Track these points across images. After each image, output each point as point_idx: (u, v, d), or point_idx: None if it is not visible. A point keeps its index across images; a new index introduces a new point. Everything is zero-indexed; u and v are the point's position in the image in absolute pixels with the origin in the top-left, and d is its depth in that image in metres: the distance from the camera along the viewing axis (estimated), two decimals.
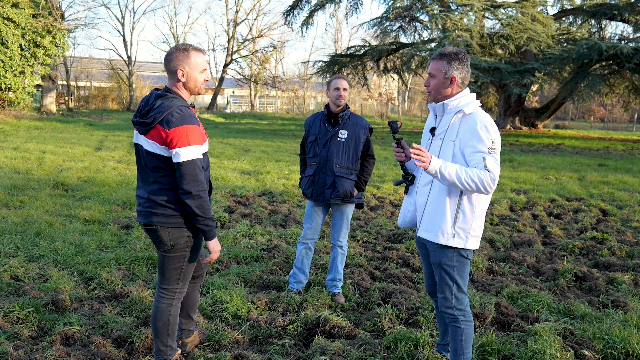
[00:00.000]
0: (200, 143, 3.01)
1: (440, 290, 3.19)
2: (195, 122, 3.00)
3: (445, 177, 2.86)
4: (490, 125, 2.95)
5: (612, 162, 16.10)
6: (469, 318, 3.20)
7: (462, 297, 3.16)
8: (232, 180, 10.59)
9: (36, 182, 9.22)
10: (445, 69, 3.03)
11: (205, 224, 3.07)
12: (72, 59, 43.25)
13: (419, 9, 28.29)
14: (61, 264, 5.28)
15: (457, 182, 2.86)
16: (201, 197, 3.00)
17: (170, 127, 2.92)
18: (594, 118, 45.42)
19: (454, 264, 3.10)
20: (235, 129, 26.23)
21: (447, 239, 3.03)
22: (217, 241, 3.18)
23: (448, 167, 2.86)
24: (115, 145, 15.91)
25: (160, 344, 3.30)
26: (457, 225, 3.02)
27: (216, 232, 3.17)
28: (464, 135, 2.98)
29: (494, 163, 2.90)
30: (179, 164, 2.94)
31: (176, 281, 3.23)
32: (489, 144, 2.91)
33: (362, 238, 6.71)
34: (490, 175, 2.86)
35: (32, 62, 24.11)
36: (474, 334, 3.26)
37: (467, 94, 3.08)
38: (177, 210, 3.07)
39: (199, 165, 2.99)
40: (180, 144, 2.92)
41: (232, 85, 53.70)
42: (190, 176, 2.95)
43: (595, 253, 6.30)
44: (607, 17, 28.39)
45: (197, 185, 2.97)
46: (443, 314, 3.23)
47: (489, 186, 2.87)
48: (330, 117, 4.60)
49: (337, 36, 57.79)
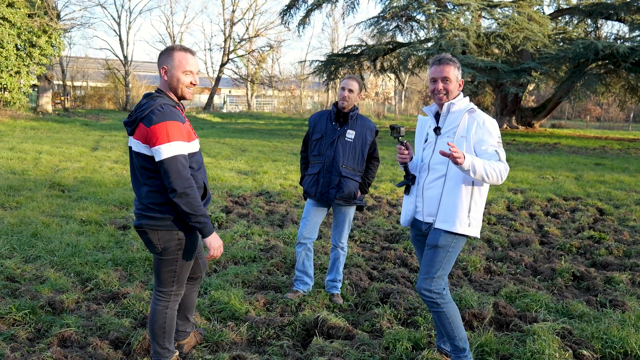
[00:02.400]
0: (183, 140, 2.93)
1: (424, 271, 3.30)
2: (177, 119, 2.93)
3: (476, 170, 3.03)
4: (494, 121, 3.25)
5: (608, 161, 16.14)
6: (447, 299, 3.30)
7: (439, 282, 3.27)
8: (229, 180, 10.57)
9: (32, 183, 9.19)
10: (457, 74, 3.30)
11: (197, 221, 2.98)
12: (68, 58, 43.19)
13: (416, 9, 28.29)
14: (58, 265, 5.26)
15: (485, 174, 3.06)
16: (187, 194, 2.91)
17: (151, 125, 2.87)
18: (590, 117, 45.54)
19: (449, 249, 3.25)
20: (232, 129, 26.19)
21: (464, 228, 3.21)
22: (215, 237, 3.09)
23: (476, 161, 3.04)
24: (111, 146, 15.86)
25: (157, 346, 3.28)
26: (471, 214, 3.23)
27: (212, 228, 3.08)
28: (475, 131, 3.19)
29: (504, 155, 3.17)
30: (161, 162, 2.88)
31: (171, 284, 3.19)
32: (497, 138, 3.19)
33: (360, 238, 6.70)
34: (505, 166, 3.12)
35: (28, 62, 24.05)
36: (459, 314, 3.35)
37: (462, 96, 3.36)
38: (166, 212, 3.01)
39: (181, 161, 2.90)
40: (160, 140, 2.86)
41: (228, 85, 53.63)
42: (173, 173, 2.87)
43: (592, 252, 6.31)
44: (603, 17, 28.49)
45: (182, 182, 2.89)
46: (421, 296, 3.32)
47: (505, 176, 3.12)
48: (338, 116, 4.54)
49: (334, 36, 57.76)
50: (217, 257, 3.17)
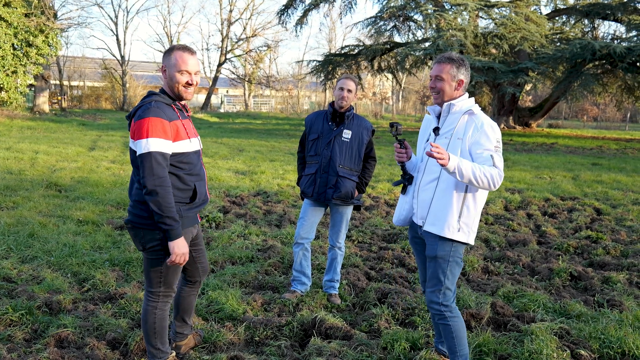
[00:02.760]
0: (163, 137, 2.88)
1: (430, 284, 3.24)
2: (161, 115, 2.90)
3: (463, 173, 2.96)
4: (495, 125, 3.13)
5: (605, 161, 16.17)
6: (455, 314, 3.25)
7: (449, 294, 3.22)
8: (226, 180, 10.56)
9: (29, 183, 9.16)
10: (455, 73, 3.19)
11: (163, 222, 2.89)
12: (65, 58, 43.09)
13: (413, 9, 28.29)
14: (55, 265, 5.24)
15: (472, 178, 2.97)
16: (157, 192, 2.85)
17: (136, 120, 2.90)
18: (587, 117, 45.64)
19: (449, 259, 3.18)
20: (229, 129, 26.17)
21: (452, 233, 3.14)
22: (180, 243, 2.96)
23: (464, 163, 2.97)
24: (108, 145, 15.83)
25: (150, 346, 3.27)
26: (462, 220, 3.14)
27: (180, 233, 2.97)
28: (472, 134, 3.10)
29: (500, 160, 3.05)
30: (139, 156, 2.87)
31: (158, 284, 3.15)
32: (495, 142, 3.07)
33: (358, 238, 6.70)
34: (499, 172, 3.01)
35: (25, 62, 23.98)
36: (465, 329, 3.29)
37: (467, 97, 3.26)
38: (147, 210, 2.97)
39: (157, 158, 2.86)
40: (139, 135, 2.86)
41: (226, 85, 53.58)
42: (146, 169, 2.84)
43: (590, 252, 6.31)
44: (600, 17, 28.55)
45: (153, 180, 2.84)
46: (430, 309, 3.28)
47: (497, 182, 3.01)
48: (335, 116, 4.54)
49: (331, 36, 57.87)
50: (178, 263, 3.01)
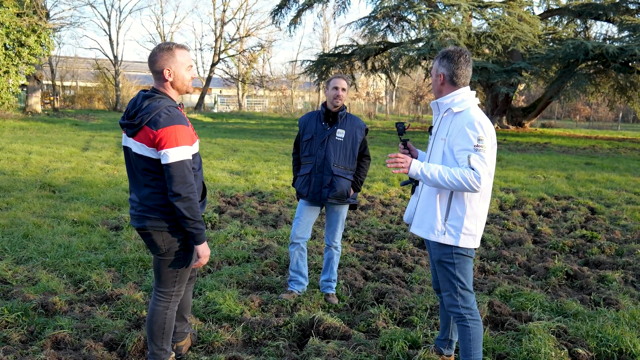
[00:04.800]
0: (189, 144, 2.95)
1: (444, 288, 3.19)
2: (184, 122, 2.94)
3: (428, 177, 2.92)
4: (479, 123, 2.92)
5: (598, 160, 16.26)
6: (476, 317, 3.18)
7: (467, 295, 3.15)
8: (221, 180, 10.53)
9: (22, 183, 9.10)
10: (436, 67, 3.10)
11: (195, 227, 2.98)
12: (58, 58, 42.86)
13: (407, 9, 28.35)
14: (50, 266, 5.20)
15: (440, 182, 2.90)
16: (191, 199, 2.92)
17: (158, 128, 2.86)
18: (580, 117, 45.89)
19: (453, 262, 3.11)
20: (223, 129, 26.10)
21: (437, 236, 3.08)
22: (206, 245, 3.10)
23: (430, 168, 2.90)
24: (102, 146, 15.75)
25: (155, 347, 3.25)
26: (448, 222, 3.05)
27: (205, 236, 3.10)
28: (452, 133, 3.00)
29: (480, 161, 2.86)
30: (167, 166, 2.87)
31: (172, 284, 3.19)
32: (476, 141, 2.88)
33: (354, 238, 6.70)
34: (475, 174, 2.84)
35: (17, 62, 23.80)
36: (482, 334, 3.22)
37: (463, 93, 3.07)
38: (170, 214, 3.01)
39: (187, 166, 2.92)
40: (168, 144, 2.86)
41: (219, 85, 53.49)
42: (179, 177, 2.88)
43: (585, 251, 6.34)
44: (592, 17, 28.73)
45: (186, 187, 2.90)
46: (449, 313, 3.23)
47: (474, 184, 2.85)
48: (328, 116, 4.56)
49: (325, 36, 57.68)
50: (202, 265, 3.15)
